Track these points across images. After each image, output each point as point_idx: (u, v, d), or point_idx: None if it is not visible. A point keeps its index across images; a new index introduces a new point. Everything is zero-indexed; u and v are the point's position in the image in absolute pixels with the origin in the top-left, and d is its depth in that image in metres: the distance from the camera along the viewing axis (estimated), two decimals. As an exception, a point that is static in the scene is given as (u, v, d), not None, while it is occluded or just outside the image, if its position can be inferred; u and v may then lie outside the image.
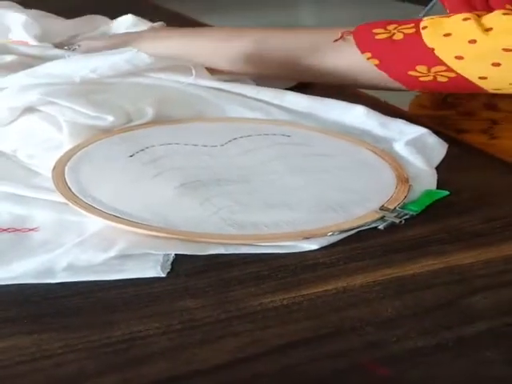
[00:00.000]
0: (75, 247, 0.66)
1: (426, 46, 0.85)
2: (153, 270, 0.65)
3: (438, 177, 0.79)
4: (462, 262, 0.67)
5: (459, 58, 0.83)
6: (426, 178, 0.79)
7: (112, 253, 0.66)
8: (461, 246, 0.69)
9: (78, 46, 1.01)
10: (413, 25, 0.87)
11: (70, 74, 0.86)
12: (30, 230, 0.70)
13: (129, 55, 0.87)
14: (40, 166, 0.78)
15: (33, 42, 1.03)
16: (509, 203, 0.76)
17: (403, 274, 0.65)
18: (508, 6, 0.88)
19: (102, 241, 0.67)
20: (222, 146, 0.82)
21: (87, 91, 0.85)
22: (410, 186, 0.76)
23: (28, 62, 0.92)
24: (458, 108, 1.07)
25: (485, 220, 0.73)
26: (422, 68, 0.85)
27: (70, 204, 0.71)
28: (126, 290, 0.63)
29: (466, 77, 0.85)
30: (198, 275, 0.65)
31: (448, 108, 1.07)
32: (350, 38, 0.90)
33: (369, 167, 0.80)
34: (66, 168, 0.77)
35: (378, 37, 0.88)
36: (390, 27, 0.88)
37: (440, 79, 0.86)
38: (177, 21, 1.29)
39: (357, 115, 0.89)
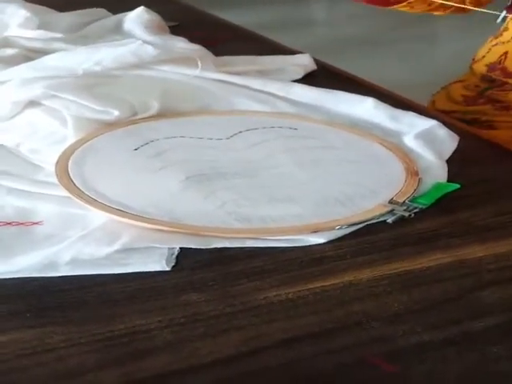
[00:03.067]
0: (79, 241, 0.66)
1: None
2: (157, 263, 0.64)
3: (449, 170, 0.78)
4: (471, 256, 0.66)
5: None
6: (436, 171, 0.78)
7: (116, 246, 0.65)
8: (470, 240, 0.68)
9: None
10: None
11: (73, 66, 0.85)
12: (34, 223, 0.69)
13: (134, 47, 0.87)
14: (43, 161, 0.78)
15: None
16: (519, 197, 0.75)
17: (411, 268, 0.64)
18: None
19: (106, 234, 0.67)
20: (228, 139, 0.81)
21: (92, 85, 0.84)
22: (419, 178, 0.75)
23: (29, 55, 0.92)
24: (495, 103, 1.03)
25: (495, 214, 0.72)
26: None
27: (74, 198, 0.71)
28: (130, 283, 0.62)
29: None
30: (203, 269, 0.64)
31: (483, 102, 1.04)
32: None
33: (378, 160, 0.79)
34: (70, 162, 0.76)
35: None
36: None
37: None
38: (188, 14, 1.29)
39: (366, 108, 0.88)
